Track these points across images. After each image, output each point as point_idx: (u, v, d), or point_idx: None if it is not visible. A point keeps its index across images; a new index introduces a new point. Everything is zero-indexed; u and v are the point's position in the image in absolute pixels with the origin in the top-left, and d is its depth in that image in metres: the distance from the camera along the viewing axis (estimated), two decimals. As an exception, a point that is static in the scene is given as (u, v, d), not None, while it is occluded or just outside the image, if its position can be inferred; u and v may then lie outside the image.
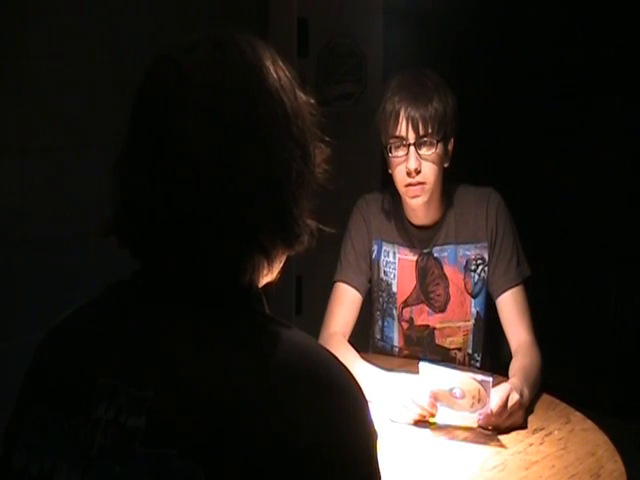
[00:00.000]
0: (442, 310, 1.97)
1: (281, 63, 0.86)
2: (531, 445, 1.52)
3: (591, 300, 3.11)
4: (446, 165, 1.89)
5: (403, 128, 1.82)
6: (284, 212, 0.83)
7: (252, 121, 0.80)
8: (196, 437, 0.73)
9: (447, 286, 1.96)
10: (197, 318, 0.81)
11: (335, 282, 2.01)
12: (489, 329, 1.99)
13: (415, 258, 1.98)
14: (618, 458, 1.47)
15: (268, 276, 0.89)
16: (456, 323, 1.98)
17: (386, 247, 2.00)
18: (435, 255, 1.96)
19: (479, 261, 1.94)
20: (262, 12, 2.95)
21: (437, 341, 1.99)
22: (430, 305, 1.98)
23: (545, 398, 1.76)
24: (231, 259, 0.83)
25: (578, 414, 1.67)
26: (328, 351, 0.82)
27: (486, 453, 1.49)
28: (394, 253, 1.99)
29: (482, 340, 2.00)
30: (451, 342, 1.99)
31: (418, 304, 1.99)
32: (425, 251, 1.97)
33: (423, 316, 1.99)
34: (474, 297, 1.96)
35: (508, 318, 1.90)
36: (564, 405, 1.72)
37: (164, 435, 0.74)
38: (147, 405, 0.75)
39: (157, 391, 0.76)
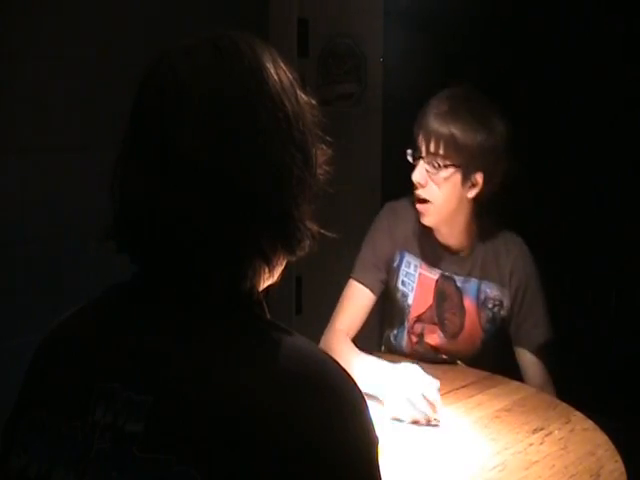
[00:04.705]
0: (454, 337, 1.96)
1: (282, 64, 0.85)
2: (531, 445, 1.52)
3: (591, 300, 3.11)
4: (470, 196, 1.84)
5: (420, 136, 1.82)
6: (285, 218, 0.82)
7: (252, 126, 0.79)
8: (195, 442, 0.72)
9: (463, 316, 1.95)
10: (197, 323, 0.80)
11: (350, 278, 2.00)
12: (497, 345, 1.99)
13: (436, 277, 1.96)
14: (618, 458, 1.46)
15: (269, 280, 0.88)
16: (465, 348, 1.98)
17: (409, 258, 1.98)
18: (458, 285, 1.94)
19: (497, 302, 1.92)
20: (262, 12, 2.95)
21: (443, 357, 1.99)
22: (443, 330, 1.97)
23: (545, 398, 1.76)
24: (231, 265, 0.82)
25: (578, 414, 1.67)
26: (329, 356, 0.82)
27: (486, 453, 1.49)
28: (415, 266, 1.97)
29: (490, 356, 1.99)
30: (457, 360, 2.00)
31: (431, 324, 1.97)
32: (447, 274, 1.95)
33: (434, 337, 1.98)
34: (484, 332, 1.95)
35: (533, 380, 1.89)
36: (564, 405, 1.72)
37: (162, 440, 0.73)
38: (145, 410, 0.75)
39: (156, 396, 0.75)
